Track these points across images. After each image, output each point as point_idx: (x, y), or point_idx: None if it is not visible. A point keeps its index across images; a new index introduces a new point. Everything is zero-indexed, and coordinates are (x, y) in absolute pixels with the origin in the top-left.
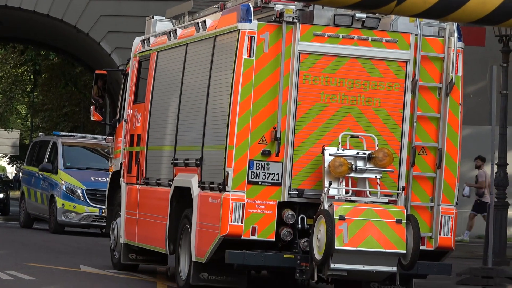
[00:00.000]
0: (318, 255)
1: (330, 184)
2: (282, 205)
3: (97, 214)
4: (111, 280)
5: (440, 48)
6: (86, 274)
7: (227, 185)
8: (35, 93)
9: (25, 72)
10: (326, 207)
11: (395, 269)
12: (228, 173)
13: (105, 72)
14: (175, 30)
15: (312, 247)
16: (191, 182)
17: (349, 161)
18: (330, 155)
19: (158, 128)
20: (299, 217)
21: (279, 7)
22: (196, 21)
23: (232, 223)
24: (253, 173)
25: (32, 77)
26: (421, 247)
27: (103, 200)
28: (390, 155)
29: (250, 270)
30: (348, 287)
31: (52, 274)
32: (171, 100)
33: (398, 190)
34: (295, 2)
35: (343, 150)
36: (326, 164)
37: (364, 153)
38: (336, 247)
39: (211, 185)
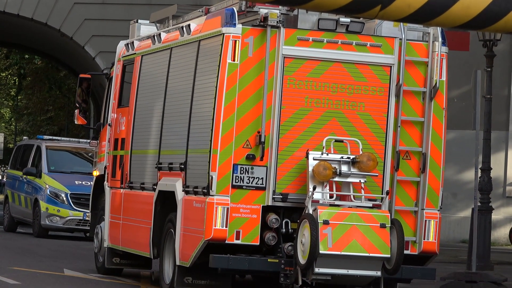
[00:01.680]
0: (302, 259)
1: (314, 188)
2: (266, 209)
3: (81, 218)
4: (95, 284)
5: (424, 53)
6: (70, 278)
7: (211, 189)
8: (19, 97)
9: (9, 76)
10: (311, 212)
11: (379, 273)
12: (212, 177)
13: (89, 76)
14: (159, 34)
15: (296, 251)
16: (175, 186)
17: (333, 166)
18: (314, 159)
19: (142, 132)
20: (283, 221)
21: (263, 11)
22: (181, 25)
23: (216, 227)
24: (237, 177)
25: (16, 80)
26: (405, 252)
27: (87, 204)
28: (374, 160)
29: (234, 274)
30: None
31: (36, 278)
32: (155, 104)
33: (382, 194)
34: (280, 7)
35: (327, 155)
36: (310, 169)
37: (348, 158)
38: (320, 252)
39: (195, 189)
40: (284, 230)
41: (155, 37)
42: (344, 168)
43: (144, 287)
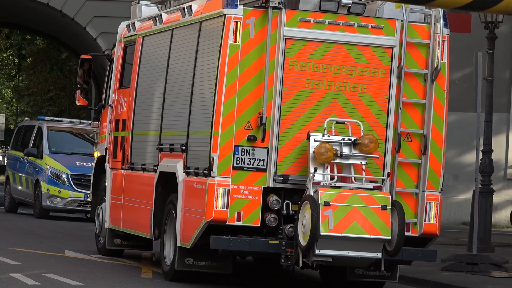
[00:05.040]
0: (303, 241)
1: (315, 170)
2: (267, 191)
3: (82, 199)
4: (96, 265)
5: (426, 35)
6: (70, 259)
7: (212, 170)
8: (20, 78)
9: (11, 57)
10: (311, 193)
11: (380, 255)
12: (213, 159)
13: (90, 57)
14: (161, 15)
15: (297, 233)
16: (176, 168)
17: (334, 147)
18: (315, 141)
19: (143, 113)
20: (284, 203)
21: None
22: (182, 6)
23: (217, 208)
24: (238, 159)
25: (16, 61)
26: (406, 233)
27: (88, 185)
28: (376, 141)
29: (235, 256)
30: (333, 273)
31: (37, 259)
32: (156, 85)
33: (383, 176)
34: None
35: (328, 136)
36: (311, 150)
37: (349, 139)
38: (321, 233)
39: (196, 171)
40: (285, 211)
41: (157, 18)
42: (345, 150)
43: (145, 268)
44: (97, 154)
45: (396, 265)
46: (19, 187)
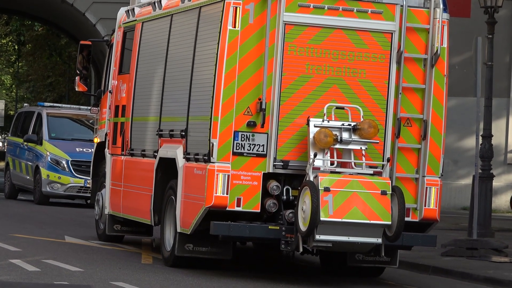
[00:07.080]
0: (303, 227)
1: (315, 155)
2: (267, 177)
3: (82, 185)
4: (96, 251)
5: (426, 19)
6: (71, 245)
7: (212, 156)
8: (20, 64)
9: (10, 43)
10: (311, 179)
11: (380, 240)
12: (213, 144)
13: (90, 43)
14: (160, 1)
15: (297, 218)
16: (176, 153)
17: (334, 133)
18: (315, 126)
19: (143, 99)
20: (284, 188)
21: None
22: None
23: (217, 194)
24: (238, 144)
25: (16, 47)
26: (406, 219)
27: (88, 171)
28: (375, 127)
29: (235, 242)
30: (333, 258)
31: (37, 245)
32: (156, 71)
33: (383, 161)
34: None
35: (328, 122)
36: (311, 136)
37: (349, 125)
38: (321, 219)
39: (196, 156)
40: (285, 197)
41: (156, 4)
42: (345, 135)
43: (145, 254)
44: (96, 140)
45: (396, 250)
46: (19, 173)
